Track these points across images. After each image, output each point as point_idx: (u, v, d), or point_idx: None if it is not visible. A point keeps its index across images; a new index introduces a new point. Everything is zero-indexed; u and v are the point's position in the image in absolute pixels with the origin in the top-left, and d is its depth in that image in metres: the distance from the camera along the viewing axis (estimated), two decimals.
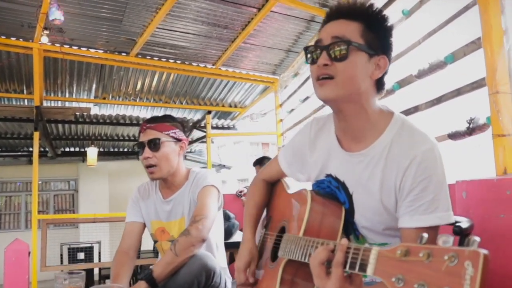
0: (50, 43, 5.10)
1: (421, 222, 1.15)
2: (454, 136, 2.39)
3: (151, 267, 1.83)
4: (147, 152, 2.04)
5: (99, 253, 7.08)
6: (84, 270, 5.31)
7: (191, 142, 8.58)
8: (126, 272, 1.96)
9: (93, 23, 4.87)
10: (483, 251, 0.67)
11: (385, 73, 1.28)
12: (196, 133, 8.08)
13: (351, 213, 1.32)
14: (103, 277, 6.86)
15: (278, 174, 1.65)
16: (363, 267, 0.86)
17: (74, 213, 10.56)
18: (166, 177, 2.11)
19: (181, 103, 7.10)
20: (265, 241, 1.60)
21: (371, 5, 1.28)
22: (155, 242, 2.23)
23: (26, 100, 6.63)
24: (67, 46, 5.36)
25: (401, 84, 3.00)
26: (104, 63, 5.80)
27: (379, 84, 1.28)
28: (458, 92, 2.44)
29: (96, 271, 6.71)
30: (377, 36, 1.25)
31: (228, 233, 3.90)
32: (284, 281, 1.28)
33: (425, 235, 0.76)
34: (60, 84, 6.26)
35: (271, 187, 1.72)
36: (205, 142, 7.22)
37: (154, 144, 2.04)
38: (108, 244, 7.92)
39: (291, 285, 1.29)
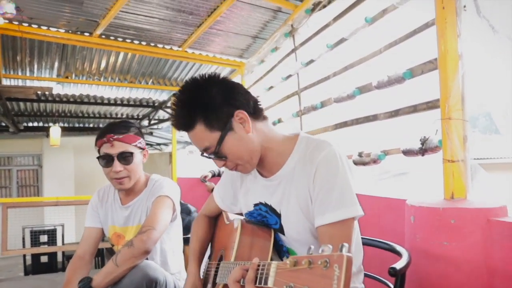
0: (7, 21, 4.88)
1: (331, 218, 1.26)
2: (407, 153, 2.43)
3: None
4: (117, 165, 2.03)
5: (63, 235, 7.01)
6: (47, 253, 5.29)
7: (159, 122, 8.51)
8: (77, 279, 1.96)
9: (53, 3, 4.65)
10: (347, 254, 0.76)
11: (252, 111, 1.38)
12: (162, 113, 7.98)
13: (281, 231, 1.44)
14: (68, 258, 6.84)
15: (216, 209, 1.76)
16: (266, 281, 0.97)
17: (38, 189, 10.36)
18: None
19: (147, 83, 6.96)
20: (209, 271, 1.69)
21: (190, 95, 1.36)
22: (112, 245, 2.24)
23: None
24: (26, 25, 5.13)
25: (362, 90, 3.02)
26: (66, 43, 5.59)
27: (255, 119, 1.39)
28: (414, 109, 2.47)
29: (59, 253, 6.67)
30: (218, 112, 1.33)
31: (190, 227, 3.92)
32: None
33: (312, 246, 0.87)
34: (20, 62, 6.02)
35: (215, 221, 1.81)
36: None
37: (126, 158, 2.05)
38: (74, 225, 7.85)
39: None
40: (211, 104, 1.33)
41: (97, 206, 2.24)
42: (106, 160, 2.05)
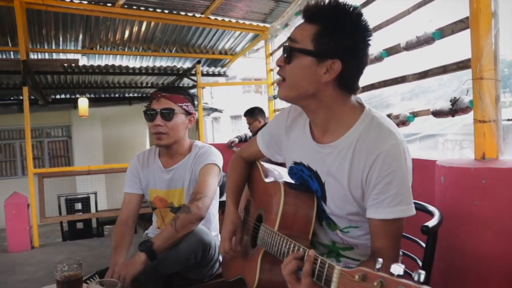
0: None
1: (385, 215, 1.24)
2: (437, 114, 2.42)
3: (151, 239, 1.90)
4: (158, 120, 2.10)
5: (96, 202, 7.26)
6: (82, 220, 5.49)
7: None
8: (125, 244, 2.05)
9: None
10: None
11: (350, 75, 1.28)
12: (187, 80, 8.02)
13: (323, 200, 1.41)
14: (101, 224, 7.10)
15: (257, 155, 1.72)
16: (327, 283, 0.97)
17: (69, 159, 10.66)
18: (171, 146, 2.18)
19: (171, 51, 6.99)
20: (246, 224, 1.71)
21: (336, 6, 1.25)
22: (153, 209, 2.30)
23: (12, 53, 6.51)
24: None
25: (390, 52, 2.97)
26: (89, 14, 5.63)
27: (343, 85, 1.29)
28: (444, 69, 2.44)
29: (93, 220, 6.94)
30: (333, 39, 1.23)
31: (220, 192, 3.99)
32: (263, 269, 1.43)
33: (380, 260, 0.84)
34: (45, 35, 6.11)
35: (250, 168, 1.79)
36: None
37: (167, 114, 2.11)
38: (105, 193, 8.09)
39: (269, 273, 1.43)
40: (340, 27, 1.23)
41: (137, 171, 2.28)
42: (151, 114, 2.13)
